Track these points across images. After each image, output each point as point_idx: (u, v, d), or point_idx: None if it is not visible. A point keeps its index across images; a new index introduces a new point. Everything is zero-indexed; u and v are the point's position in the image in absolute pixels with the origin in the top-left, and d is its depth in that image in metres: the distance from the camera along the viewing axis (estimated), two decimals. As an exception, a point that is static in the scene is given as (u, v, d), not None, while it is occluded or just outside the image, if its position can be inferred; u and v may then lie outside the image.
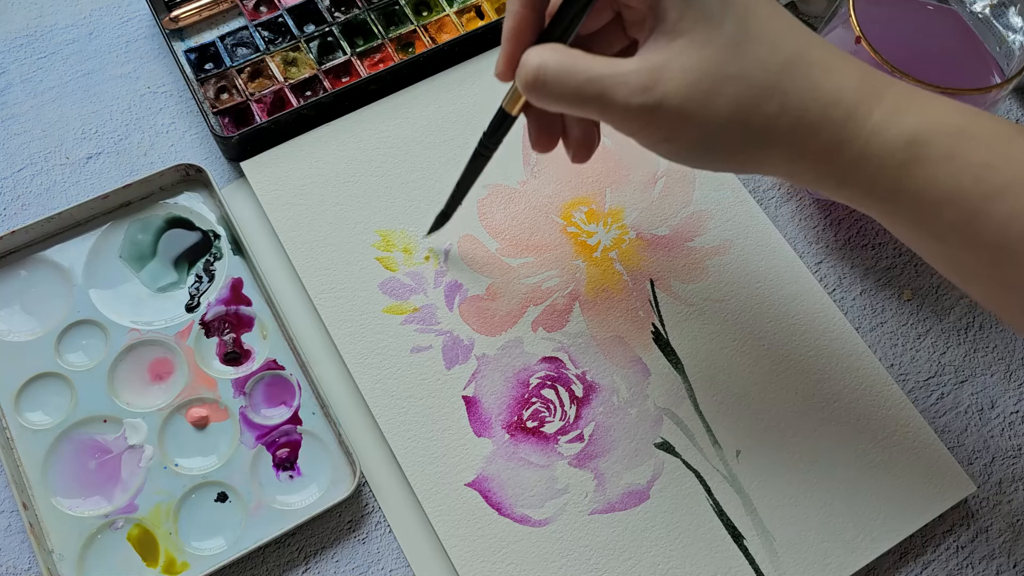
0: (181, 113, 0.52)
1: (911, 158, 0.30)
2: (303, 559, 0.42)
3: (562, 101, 0.32)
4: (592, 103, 0.31)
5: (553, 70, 0.31)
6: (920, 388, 0.47)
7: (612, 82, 0.31)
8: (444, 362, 0.45)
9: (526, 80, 0.32)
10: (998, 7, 0.46)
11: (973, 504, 0.45)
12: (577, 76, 0.31)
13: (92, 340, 0.45)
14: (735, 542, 0.42)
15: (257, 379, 0.45)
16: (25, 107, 0.52)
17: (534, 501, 0.43)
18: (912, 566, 0.44)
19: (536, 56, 0.32)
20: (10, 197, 0.49)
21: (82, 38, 0.54)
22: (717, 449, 0.44)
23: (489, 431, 0.44)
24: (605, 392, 0.45)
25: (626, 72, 0.31)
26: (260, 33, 0.53)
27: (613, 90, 0.31)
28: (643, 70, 0.30)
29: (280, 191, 0.49)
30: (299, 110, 0.50)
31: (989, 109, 0.44)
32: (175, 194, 0.49)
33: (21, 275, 0.46)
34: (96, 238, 0.47)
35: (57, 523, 0.41)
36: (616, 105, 0.31)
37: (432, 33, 0.54)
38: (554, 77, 0.31)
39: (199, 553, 0.41)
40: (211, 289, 0.47)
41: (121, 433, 0.43)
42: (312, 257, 0.47)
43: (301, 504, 0.43)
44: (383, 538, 0.43)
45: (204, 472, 0.43)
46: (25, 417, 0.44)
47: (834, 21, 0.45)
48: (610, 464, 0.44)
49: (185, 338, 0.45)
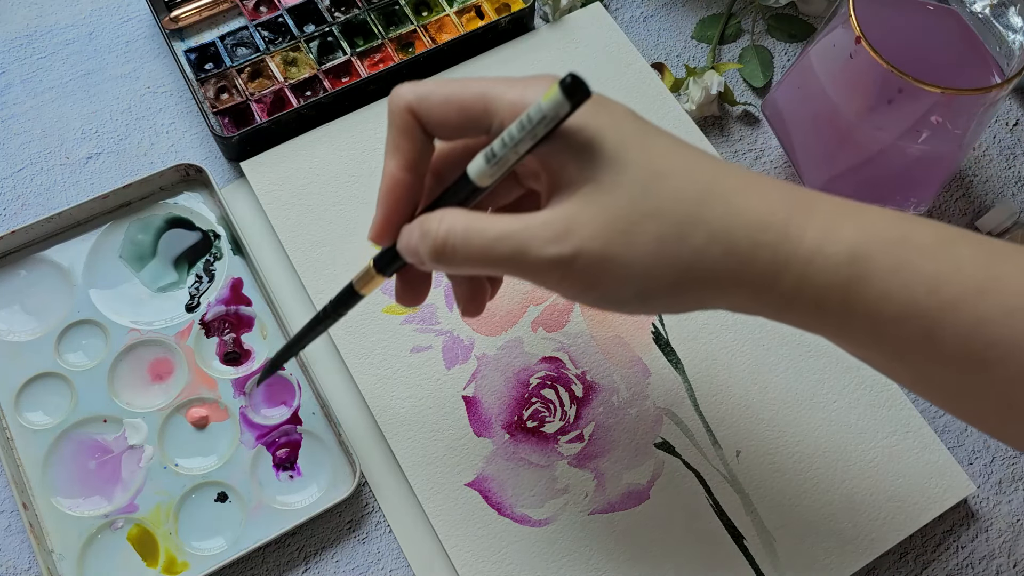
0: (181, 113, 0.52)
1: (856, 275, 0.28)
2: (303, 559, 0.42)
3: (471, 264, 0.30)
4: (505, 262, 0.29)
5: (461, 233, 0.29)
6: (920, 388, 0.47)
7: (523, 237, 0.29)
8: (444, 362, 0.45)
9: (434, 247, 0.30)
10: (998, 7, 0.46)
11: (973, 504, 0.45)
12: (486, 236, 0.29)
13: (92, 340, 0.45)
14: (735, 542, 0.42)
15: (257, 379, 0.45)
16: (25, 107, 0.52)
17: (534, 501, 0.43)
18: (912, 566, 0.44)
19: (440, 221, 0.30)
20: (10, 197, 0.49)
21: (82, 38, 0.54)
22: (717, 449, 0.44)
23: (489, 431, 0.44)
24: (605, 392, 0.45)
25: (537, 225, 0.29)
26: (260, 33, 0.53)
27: (526, 246, 0.29)
28: (555, 220, 0.29)
29: (280, 191, 0.49)
30: (299, 110, 0.50)
31: (989, 109, 0.44)
32: (175, 194, 0.49)
33: (21, 275, 0.46)
34: (96, 238, 0.47)
35: (57, 523, 0.41)
36: (530, 260, 0.29)
37: (432, 33, 0.54)
38: (462, 240, 0.29)
39: (199, 553, 0.41)
40: (211, 289, 0.47)
41: (121, 433, 0.43)
42: (312, 257, 0.47)
43: (301, 504, 0.42)
44: (383, 538, 0.43)
45: (204, 472, 0.43)
46: (25, 417, 0.44)
47: (834, 21, 0.45)
48: (610, 464, 0.44)
49: (185, 338, 0.45)
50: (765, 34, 0.57)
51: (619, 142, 0.29)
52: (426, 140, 0.32)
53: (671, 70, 0.55)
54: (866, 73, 0.43)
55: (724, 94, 0.53)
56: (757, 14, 0.57)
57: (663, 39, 0.56)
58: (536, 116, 0.27)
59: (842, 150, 0.47)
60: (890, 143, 0.45)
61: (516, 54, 0.53)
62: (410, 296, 0.36)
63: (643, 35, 0.56)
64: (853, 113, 0.45)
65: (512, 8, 0.54)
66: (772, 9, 0.57)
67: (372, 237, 0.33)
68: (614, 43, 0.54)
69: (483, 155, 0.29)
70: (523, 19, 0.54)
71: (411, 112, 0.31)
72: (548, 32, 0.54)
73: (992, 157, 0.54)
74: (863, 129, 0.45)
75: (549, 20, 0.55)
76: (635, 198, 0.28)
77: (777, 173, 0.53)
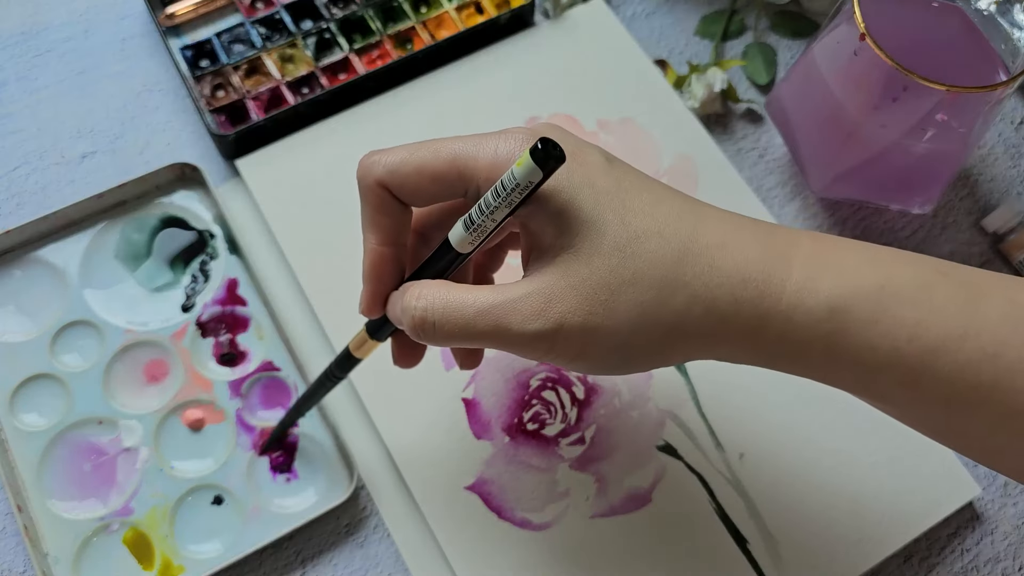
0: (177, 111, 0.52)
1: (837, 327, 0.29)
2: (300, 563, 0.42)
3: (454, 339, 0.30)
4: (487, 337, 0.29)
5: (440, 310, 0.29)
6: (925, 389, 0.47)
7: (504, 312, 0.29)
8: (443, 363, 0.45)
9: (413, 325, 0.30)
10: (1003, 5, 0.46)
11: (978, 507, 0.45)
12: (466, 312, 0.29)
13: (87, 341, 0.45)
14: (738, 546, 0.42)
15: (253, 381, 0.44)
16: (20, 105, 0.51)
17: (535, 504, 0.42)
18: (917, 569, 0.43)
19: (418, 298, 0.30)
20: (4, 196, 0.49)
21: (77, 36, 0.53)
22: (720, 452, 0.44)
23: (489, 434, 0.43)
24: (606, 394, 0.44)
25: (517, 298, 0.29)
26: (257, 30, 0.52)
27: (507, 320, 0.29)
28: (534, 294, 0.28)
29: (276, 190, 0.48)
30: (296, 107, 0.49)
31: (995, 107, 0.43)
32: (170, 193, 0.48)
33: (16, 275, 0.46)
34: (91, 238, 0.47)
35: (52, 526, 0.41)
36: (512, 335, 0.29)
37: (431, 29, 0.53)
38: (442, 317, 0.29)
39: (195, 557, 0.41)
40: (207, 289, 0.46)
41: (116, 435, 0.43)
42: (309, 256, 0.47)
43: (298, 508, 0.42)
44: (381, 542, 0.42)
45: (200, 475, 0.42)
46: (20, 419, 0.43)
47: (838, 18, 0.44)
48: (612, 467, 0.43)
49: (181, 339, 0.45)
50: (769, 31, 0.56)
51: (595, 203, 0.29)
52: (402, 210, 0.31)
53: (674, 67, 0.54)
54: (871, 70, 0.42)
55: (727, 91, 0.52)
56: (761, 11, 0.56)
57: (666, 36, 0.56)
58: (509, 184, 0.27)
59: (846, 148, 0.46)
60: (895, 141, 0.45)
61: (516, 51, 0.53)
62: (406, 358, 0.36)
63: (645, 31, 0.56)
64: (857, 111, 0.45)
65: (512, 4, 0.54)
66: (776, 6, 0.56)
67: (363, 311, 0.33)
68: (616, 40, 0.53)
69: (462, 222, 0.29)
70: (523, 15, 0.53)
71: (383, 187, 0.31)
72: (549, 28, 0.54)
73: (998, 156, 0.53)
74: (867, 127, 0.45)
75: (550, 16, 0.54)
76: (613, 266, 0.28)
77: (781, 171, 0.52)
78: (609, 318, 0.28)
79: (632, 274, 0.28)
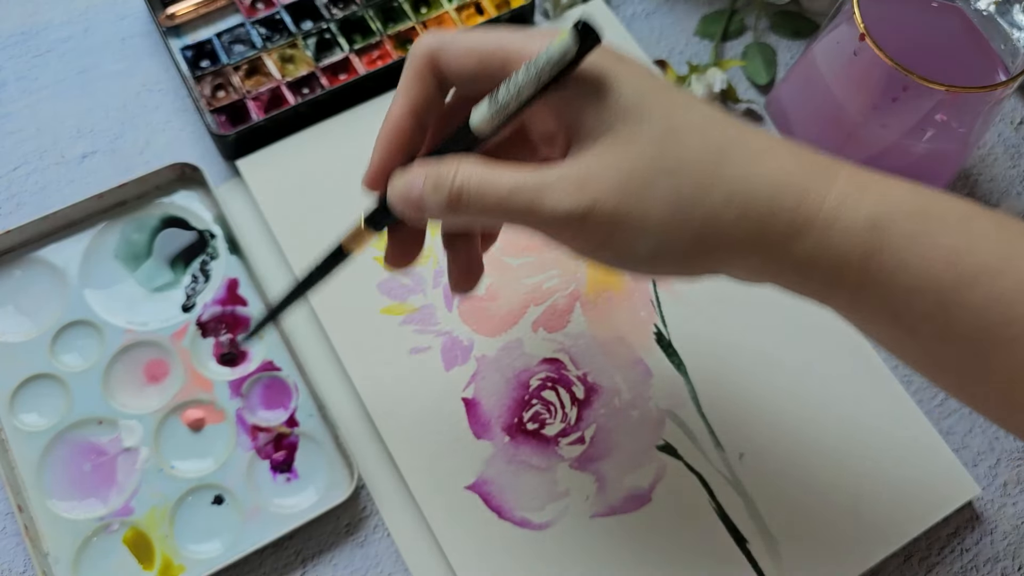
0: (177, 111, 0.52)
1: (876, 244, 0.28)
2: (300, 563, 0.42)
3: (485, 214, 0.30)
4: (519, 214, 0.29)
5: (476, 184, 0.29)
6: (925, 389, 0.47)
7: (538, 190, 0.29)
8: (443, 363, 0.45)
9: (449, 198, 0.29)
10: (1003, 5, 0.46)
11: (978, 506, 0.45)
12: (501, 188, 0.29)
13: (87, 341, 0.45)
14: (738, 545, 0.42)
15: (254, 380, 0.44)
16: (20, 105, 0.51)
17: (535, 504, 0.42)
18: (916, 569, 0.43)
19: (456, 173, 0.29)
20: (4, 196, 0.49)
21: (77, 35, 0.53)
22: (720, 451, 0.44)
23: (489, 433, 0.43)
24: (606, 394, 0.44)
25: (552, 178, 0.29)
26: (257, 30, 0.52)
27: (540, 198, 0.28)
28: (571, 175, 0.29)
29: (277, 190, 0.48)
30: (296, 108, 0.49)
31: (995, 107, 0.44)
32: (170, 193, 0.48)
33: (15, 275, 0.46)
34: (91, 238, 0.47)
35: (52, 526, 0.41)
36: (544, 214, 0.29)
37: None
38: (477, 191, 0.29)
39: (195, 557, 0.41)
40: (207, 289, 0.46)
41: (116, 435, 0.43)
42: (309, 256, 0.46)
43: (298, 507, 0.42)
44: (381, 542, 0.42)
45: (200, 475, 0.42)
46: (20, 419, 0.43)
47: (838, 18, 0.44)
48: (611, 467, 0.43)
49: (181, 339, 0.45)
50: (769, 31, 0.56)
51: (638, 92, 0.29)
52: (437, 89, 0.32)
53: (673, 67, 0.54)
54: (870, 71, 0.42)
55: (727, 92, 0.52)
56: (761, 11, 0.56)
57: (665, 36, 0.56)
58: (542, 60, 0.27)
59: (846, 148, 0.46)
60: (894, 141, 0.45)
61: (516, 51, 0.53)
62: (399, 255, 0.35)
63: (645, 31, 0.56)
64: (857, 111, 0.45)
65: (512, 4, 0.54)
66: (776, 6, 0.56)
67: (367, 183, 0.32)
68: (616, 40, 0.53)
69: (487, 99, 0.29)
70: (523, 15, 0.53)
71: (431, 57, 0.31)
72: (549, 28, 0.54)
73: (997, 156, 0.53)
74: (867, 127, 0.45)
75: (550, 16, 0.55)
76: (653, 154, 0.28)
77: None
78: (642, 206, 0.28)
79: (671, 166, 0.28)
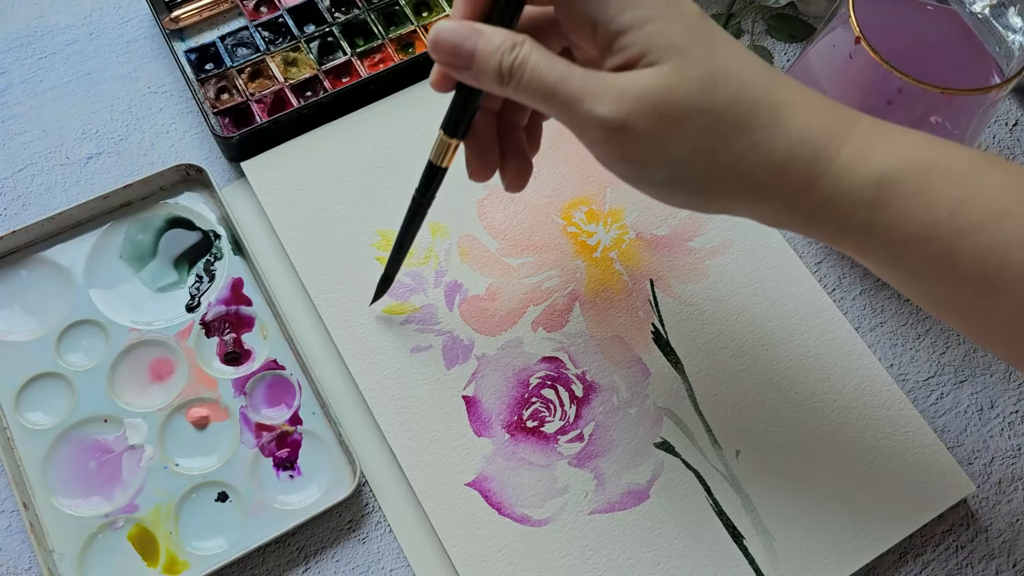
0: (181, 113, 0.52)
1: (883, 196, 0.30)
2: (303, 559, 0.42)
3: (529, 94, 0.32)
4: (559, 103, 0.31)
5: (531, 66, 0.31)
6: (920, 388, 0.47)
7: (583, 88, 0.31)
8: (444, 362, 0.45)
9: (510, 64, 0.32)
10: (998, 7, 0.46)
11: (973, 504, 0.45)
12: (551, 75, 0.31)
13: (92, 340, 0.45)
14: (735, 542, 0.42)
15: (257, 379, 0.45)
16: (26, 107, 0.52)
17: (534, 501, 0.43)
18: (912, 566, 0.44)
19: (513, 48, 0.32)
20: (10, 197, 0.49)
21: (82, 38, 0.54)
22: (717, 449, 0.44)
23: (489, 431, 0.44)
24: (605, 392, 0.45)
25: (597, 83, 0.31)
26: (260, 33, 0.53)
27: (582, 96, 0.31)
28: (615, 86, 0.31)
29: (280, 191, 0.49)
30: (299, 110, 0.50)
31: (989, 109, 0.44)
32: (175, 194, 0.49)
33: (21, 275, 0.46)
34: (96, 238, 0.47)
35: (57, 523, 0.41)
36: (581, 112, 0.31)
37: (432, 33, 0.54)
38: (530, 72, 0.31)
39: (199, 553, 0.41)
40: (211, 289, 0.47)
41: (121, 433, 0.43)
42: (312, 257, 0.47)
43: (301, 504, 0.43)
44: (383, 538, 0.43)
45: (204, 472, 0.43)
46: (25, 417, 0.44)
47: (834, 21, 0.45)
48: (610, 464, 0.44)
49: (185, 338, 0.45)
50: (765, 34, 0.57)
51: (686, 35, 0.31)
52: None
53: (671, 70, 0.55)
54: (866, 73, 0.43)
55: (724, 94, 0.53)
56: (757, 14, 0.57)
57: (663, 39, 0.56)
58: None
59: (842, 150, 0.47)
60: (890, 143, 0.45)
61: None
62: (480, 165, 0.37)
63: (643, 35, 0.56)
64: (853, 113, 0.45)
65: (512, 8, 0.54)
66: (772, 9, 0.57)
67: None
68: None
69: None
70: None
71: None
72: None
73: (992, 157, 0.54)
74: (863, 129, 0.45)
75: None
76: (692, 92, 0.30)
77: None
78: (671, 134, 0.30)
79: (705, 106, 0.30)
